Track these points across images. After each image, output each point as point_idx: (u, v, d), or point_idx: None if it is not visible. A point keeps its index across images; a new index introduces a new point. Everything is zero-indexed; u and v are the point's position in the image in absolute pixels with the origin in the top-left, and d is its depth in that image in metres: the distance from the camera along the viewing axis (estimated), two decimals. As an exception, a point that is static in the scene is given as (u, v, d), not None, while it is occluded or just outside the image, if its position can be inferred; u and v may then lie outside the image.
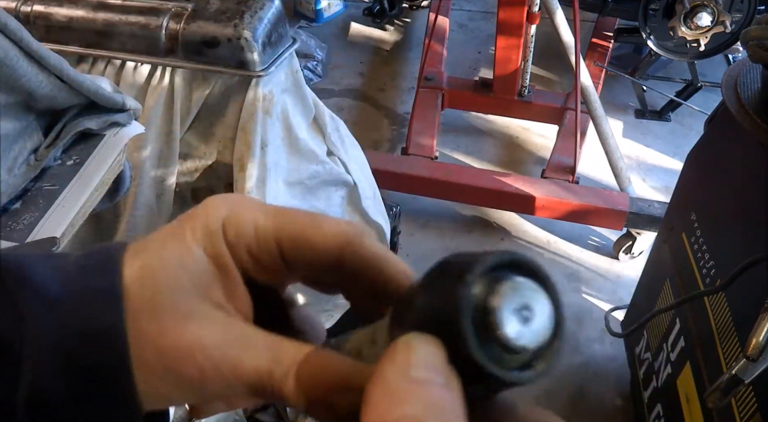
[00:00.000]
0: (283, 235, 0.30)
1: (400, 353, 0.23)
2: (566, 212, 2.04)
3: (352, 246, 0.29)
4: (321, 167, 1.55)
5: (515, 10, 2.07)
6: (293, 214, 0.31)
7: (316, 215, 0.31)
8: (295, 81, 1.47)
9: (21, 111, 1.01)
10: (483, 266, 0.23)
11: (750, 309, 0.93)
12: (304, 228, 0.30)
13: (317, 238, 0.29)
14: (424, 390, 0.22)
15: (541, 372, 0.24)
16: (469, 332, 0.23)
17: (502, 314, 0.23)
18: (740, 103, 1.09)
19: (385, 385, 0.23)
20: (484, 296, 0.23)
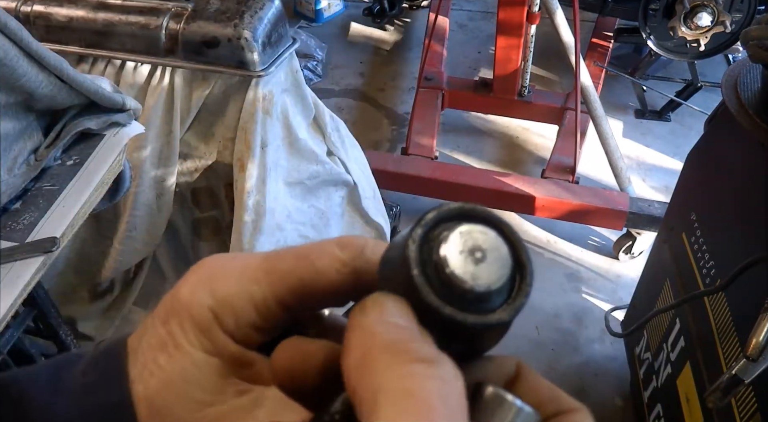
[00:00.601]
0: (284, 297, 0.28)
1: (370, 306, 0.23)
2: (566, 212, 2.04)
3: (355, 269, 0.28)
4: (321, 167, 1.55)
5: (515, 10, 2.07)
6: (282, 264, 0.28)
7: (305, 251, 0.28)
8: (295, 81, 1.47)
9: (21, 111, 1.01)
10: (432, 218, 0.24)
11: (750, 309, 0.93)
12: (302, 277, 0.27)
13: (321, 281, 0.27)
14: (402, 328, 0.22)
15: (509, 312, 0.24)
16: (420, 279, 0.23)
17: (450, 256, 0.23)
18: (740, 103, 1.09)
19: (362, 326, 0.23)
20: (432, 244, 0.23)
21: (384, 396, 0.20)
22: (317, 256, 0.28)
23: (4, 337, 1.07)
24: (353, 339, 0.22)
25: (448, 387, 0.20)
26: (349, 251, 0.28)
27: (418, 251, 0.23)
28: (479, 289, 0.23)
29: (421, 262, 0.23)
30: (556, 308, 1.97)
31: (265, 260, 0.28)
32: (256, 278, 0.28)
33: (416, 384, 0.20)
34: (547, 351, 1.85)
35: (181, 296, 0.28)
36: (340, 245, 0.28)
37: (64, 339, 1.24)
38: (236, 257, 0.29)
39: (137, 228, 1.49)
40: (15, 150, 1.00)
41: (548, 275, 2.08)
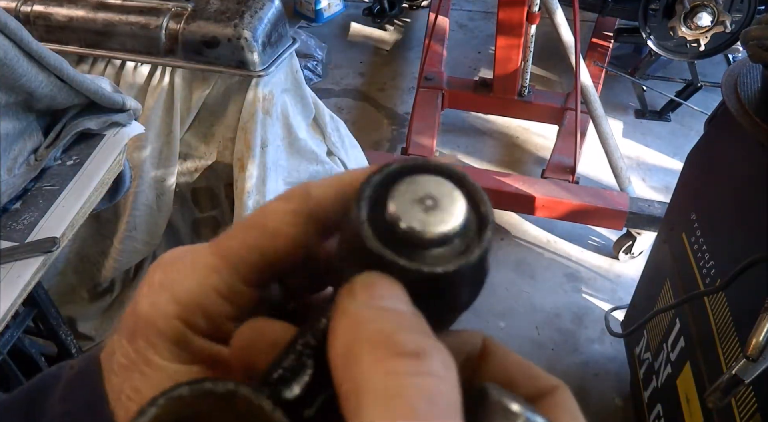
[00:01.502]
0: (249, 275, 0.25)
1: (358, 289, 0.21)
2: (566, 212, 2.04)
3: (310, 214, 0.25)
4: (321, 167, 1.55)
5: (515, 10, 2.07)
6: (233, 241, 0.26)
7: (250, 220, 0.26)
8: (295, 81, 1.47)
9: (21, 111, 1.01)
10: (381, 174, 0.23)
11: (750, 309, 0.93)
12: (257, 246, 0.25)
13: (279, 242, 0.25)
14: (390, 314, 0.21)
15: (468, 258, 0.22)
16: (368, 232, 0.22)
17: (398, 205, 0.22)
18: (740, 103, 1.09)
19: (348, 314, 0.21)
20: (382, 196, 0.22)
21: (367, 396, 0.19)
22: (263, 218, 0.25)
23: (4, 337, 1.07)
24: (339, 327, 0.21)
25: (437, 384, 0.19)
26: (294, 199, 0.25)
27: (366, 204, 0.22)
28: (429, 235, 0.22)
29: (371, 217, 0.22)
30: (556, 308, 1.97)
31: (216, 245, 0.26)
32: (212, 266, 0.25)
33: (400, 383, 0.18)
34: (547, 351, 1.85)
35: (142, 312, 0.25)
36: (283, 198, 0.26)
37: (64, 339, 1.24)
38: (186, 251, 0.27)
39: (137, 228, 1.49)
40: (15, 150, 1.00)
41: (548, 275, 2.08)
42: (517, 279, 2.06)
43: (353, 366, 0.19)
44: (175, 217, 1.58)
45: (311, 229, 0.25)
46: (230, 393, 0.21)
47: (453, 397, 0.19)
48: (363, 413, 0.18)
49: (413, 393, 0.18)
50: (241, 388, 0.21)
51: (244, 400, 0.21)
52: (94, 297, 1.63)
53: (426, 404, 0.18)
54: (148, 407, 0.21)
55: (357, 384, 0.19)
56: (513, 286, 2.04)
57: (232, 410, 0.22)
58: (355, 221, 0.22)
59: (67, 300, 1.59)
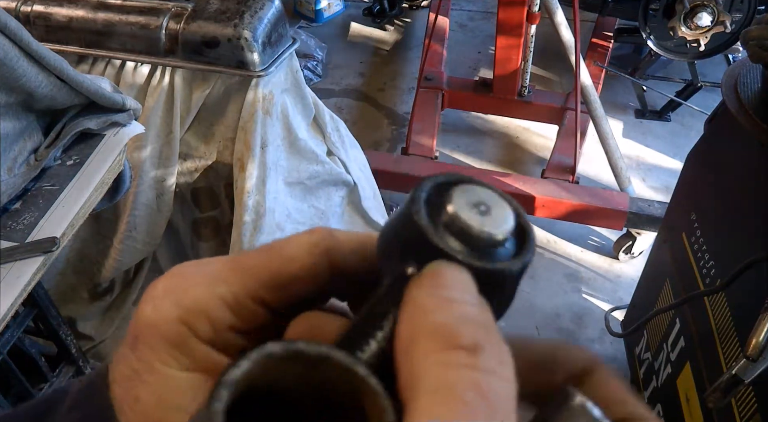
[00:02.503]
0: (258, 292, 0.26)
1: (427, 278, 0.22)
2: (566, 212, 2.04)
3: (327, 248, 0.26)
4: (321, 167, 1.55)
5: (515, 10, 2.07)
6: (249, 259, 0.26)
7: (271, 244, 0.27)
8: (295, 81, 1.47)
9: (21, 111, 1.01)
10: (432, 182, 0.25)
11: (750, 309, 0.93)
12: (271, 267, 0.26)
13: (292, 267, 0.26)
14: (455, 305, 0.21)
15: (521, 261, 0.24)
16: (431, 228, 0.23)
17: (458, 209, 0.24)
18: (740, 103, 1.09)
19: (415, 303, 0.21)
20: (437, 202, 0.24)
21: (422, 386, 0.19)
22: (284, 244, 0.27)
23: (4, 337, 1.07)
24: (404, 316, 0.21)
25: (490, 380, 0.19)
26: (316, 234, 0.27)
27: (425, 207, 0.24)
28: (490, 236, 0.23)
29: (430, 216, 0.24)
30: (556, 308, 1.97)
31: (231, 260, 0.27)
32: (223, 277, 0.26)
33: (453, 375, 0.19)
34: (547, 351, 1.85)
35: (145, 315, 0.25)
36: (307, 232, 0.27)
37: (64, 339, 1.24)
38: (200, 263, 0.27)
39: (137, 228, 1.49)
40: (15, 150, 1.00)
41: (548, 275, 2.08)
42: (517, 279, 2.06)
43: (412, 355, 0.20)
44: (175, 217, 1.58)
45: (326, 264, 0.26)
46: (322, 357, 0.21)
47: (506, 393, 0.19)
48: (416, 402, 0.19)
49: (465, 387, 0.19)
50: (335, 353, 0.21)
51: (336, 365, 0.21)
52: (94, 297, 1.64)
53: (477, 398, 0.18)
54: (241, 360, 0.21)
55: (413, 373, 0.20)
56: (513, 286, 2.03)
57: (318, 377, 0.22)
58: (416, 218, 0.23)
59: (67, 300, 1.59)
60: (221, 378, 0.20)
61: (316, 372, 0.21)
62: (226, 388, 0.20)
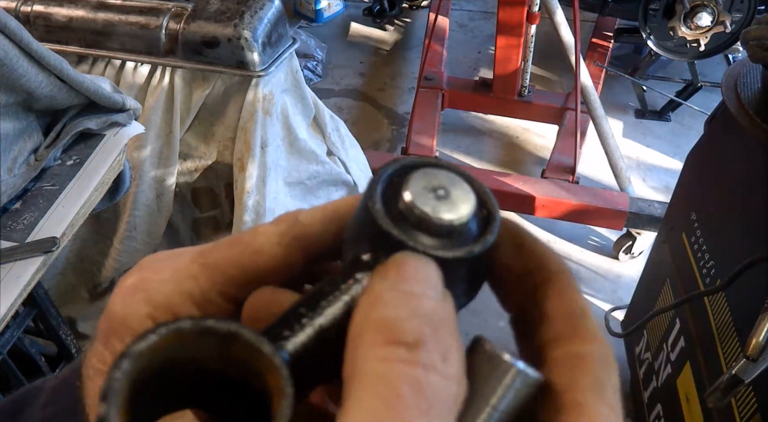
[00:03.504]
0: (226, 288, 0.26)
1: (391, 269, 0.22)
2: (566, 212, 2.04)
3: (295, 237, 0.26)
4: (321, 167, 1.55)
5: (515, 10, 2.07)
6: (217, 253, 0.26)
7: (238, 236, 0.26)
8: (295, 81, 1.47)
9: (21, 111, 1.01)
10: (391, 168, 0.24)
11: (750, 309, 0.93)
12: (240, 261, 0.26)
13: (261, 261, 0.26)
14: (413, 299, 0.21)
15: (479, 246, 0.23)
16: (383, 216, 0.23)
17: (412, 194, 0.23)
18: (740, 103, 1.09)
19: (372, 294, 0.21)
20: (395, 186, 0.23)
21: (360, 378, 0.19)
22: (252, 237, 0.26)
23: (4, 337, 1.07)
24: (360, 304, 0.21)
25: (429, 376, 0.19)
26: (282, 222, 0.26)
27: (381, 196, 0.23)
28: (448, 222, 0.23)
29: (386, 205, 0.23)
30: (556, 308, 1.97)
31: (198, 253, 0.26)
32: (191, 273, 0.26)
33: (390, 370, 0.19)
34: (547, 351, 1.85)
35: (115, 311, 0.26)
36: (272, 222, 0.27)
37: (64, 339, 1.24)
38: (169, 255, 0.27)
39: (137, 228, 1.49)
40: (15, 150, 1.00)
41: (548, 275, 2.08)
42: (517, 279, 2.06)
43: (357, 347, 0.20)
44: (175, 217, 1.58)
45: (295, 251, 0.26)
46: (232, 334, 0.21)
47: (444, 390, 0.19)
48: (352, 395, 0.19)
49: (402, 381, 0.18)
50: (244, 330, 0.21)
51: (244, 343, 0.21)
52: (94, 297, 1.63)
53: (413, 393, 0.18)
54: (148, 334, 0.21)
55: (355, 364, 0.20)
56: (513, 286, 2.03)
57: (229, 354, 0.21)
58: (372, 209, 0.23)
59: (67, 300, 1.59)
60: (126, 348, 0.20)
61: (227, 348, 0.21)
62: (128, 358, 0.20)
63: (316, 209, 0.27)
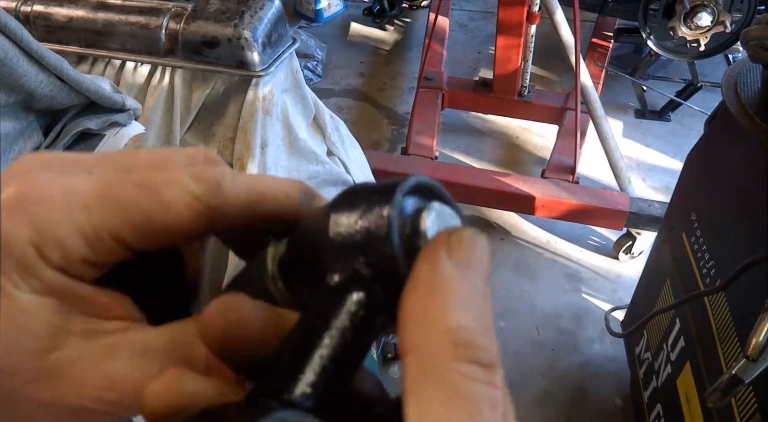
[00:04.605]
0: (122, 232, 0.23)
1: (456, 247, 0.21)
2: (566, 212, 2.04)
3: (209, 205, 0.24)
4: (321, 167, 1.55)
5: (515, 10, 2.07)
6: (121, 191, 0.24)
7: (149, 179, 0.24)
8: (295, 81, 1.47)
9: (21, 111, 1.01)
10: (403, 191, 0.24)
11: (750, 309, 0.93)
12: (145, 210, 0.23)
13: (168, 217, 0.24)
14: (480, 297, 0.22)
15: None
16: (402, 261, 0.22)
17: (428, 231, 0.23)
18: (740, 103, 1.09)
19: (438, 279, 0.21)
20: (416, 223, 0.23)
21: (439, 388, 0.19)
22: (164, 185, 0.24)
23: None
24: (423, 289, 0.21)
25: (499, 395, 0.20)
26: (203, 184, 0.24)
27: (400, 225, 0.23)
28: None
29: (402, 235, 0.23)
30: (556, 308, 1.97)
31: (101, 184, 0.24)
32: (87, 204, 0.23)
33: (474, 388, 0.19)
34: (547, 351, 1.85)
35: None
36: (193, 176, 0.24)
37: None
38: (65, 168, 0.25)
39: (137, 228, 1.49)
40: (15, 150, 1.00)
41: (548, 275, 2.08)
42: (517, 279, 2.06)
43: (432, 356, 0.20)
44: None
45: (204, 220, 0.24)
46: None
47: (507, 407, 0.20)
48: (430, 403, 0.19)
49: (483, 402, 0.19)
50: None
51: None
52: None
53: (489, 410, 0.19)
54: None
55: (428, 372, 0.20)
56: (513, 286, 2.04)
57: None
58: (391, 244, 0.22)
59: (67, 300, 1.59)
60: None
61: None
62: None
63: (241, 185, 0.25)
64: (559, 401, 1.73)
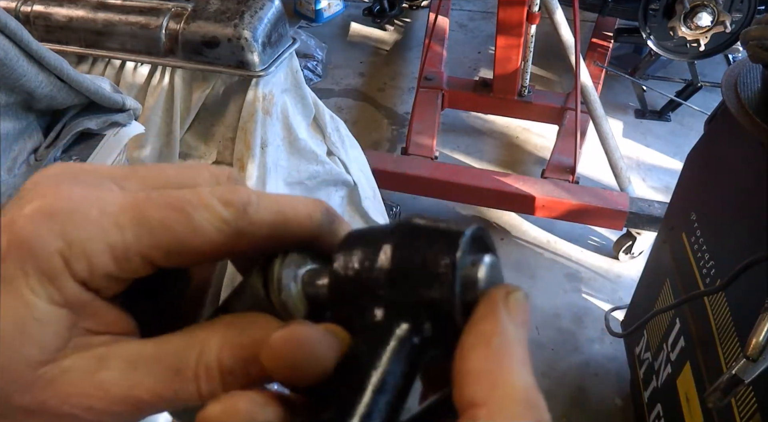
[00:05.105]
0: (151, 252, 0.24)
1: (514, 305, 0.25)
2: (566, 212, 2.04)
3: (238, 229, 0.25)
4: (321, 167, 1.55)
5: (515, 10, 2.07)
6: (154, 212, 0.24)
7: (180, 201, 0.24)
8: (295, 81, 1.47)
9: (21, 111, 1.01)
10: (467, 243, 0.25)
11: (750, 309, 0.93)
12: (175, 232, 0.24)
13: (197, 240, 0.24)
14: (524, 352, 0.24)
15: None
16: (459, 307, 0.24)
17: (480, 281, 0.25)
18: (740, 103, 1.09)
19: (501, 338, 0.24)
20: (471, 275, 0.25)
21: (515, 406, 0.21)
22: (195, 208, 0.24)
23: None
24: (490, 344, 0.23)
25: None
26: (232, 209, 0.24)
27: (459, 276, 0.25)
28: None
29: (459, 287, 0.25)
30: (556, 308, 1.97)
31: (133, 202, 0.24)
32: (119, 222, 0.24)
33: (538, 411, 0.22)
34: (547, 351, 1.85)
35: (23, 230, 0.23)
36: (222, 200, 0.24)
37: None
38: (92, 177, 0.25)
39: (137, 228, 1.48)
40: (15, 150, 1.00)
41: (548, 275, 2.08)
42: (517, 279, 2.06)
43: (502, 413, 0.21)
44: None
45: (232, 244, 0.25)
46: None
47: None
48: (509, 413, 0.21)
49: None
50: None
51: None
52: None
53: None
54: None
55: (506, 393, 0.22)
56: (513, 286, 2.03)
57: None
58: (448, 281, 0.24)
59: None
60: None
61: None
62: None
63: (267, 210, 0.25)
64: (559, 401, 1.73)
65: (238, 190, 0.25)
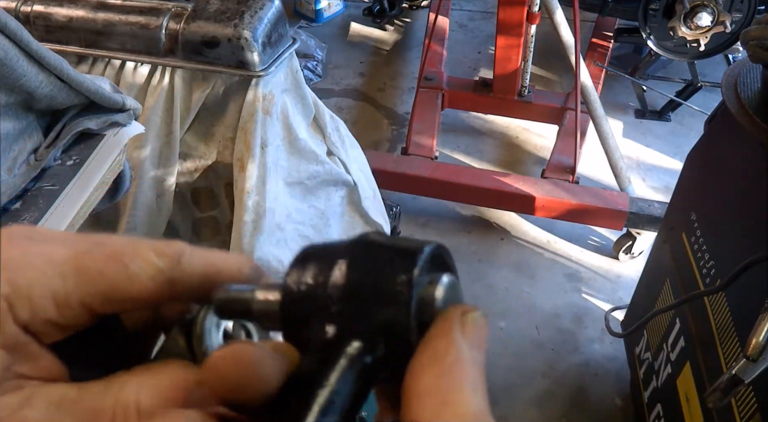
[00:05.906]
0: (90, 300, 0.26)
1: (470, 327, 0.24)
2: (566, 212, 2.04)
3: (171, 279, 0.27)
4: (321, 167, 1.55)
5: (515, 10, 2.07)
6: (94, 262, 0.26)
7: (119, 251, 0.26)
8: (295, 81, 1.47)
9: (21, 111, 1.01)
10: (425, 261, 0.25)
11: (750, 309, 0.93)
12: (112, 281, 0.26)
13: (132, 288, 0.26)
14: (479, 369, 0.23)
15: None
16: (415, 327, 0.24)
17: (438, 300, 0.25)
18: (740, 103, 1.09)
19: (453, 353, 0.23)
20: (428, 294, 0.25)
21: None
22: (131, 259, 0.26)
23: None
24: (442, 364, 0.22)
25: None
26: (166, 259, 0.27)
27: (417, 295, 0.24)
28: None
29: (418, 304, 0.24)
30: (556, 308, 1.97)
31: (75, 254, 0.26)
32: (62, 271, 0.26)
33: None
34: (547, 351, 1.85)
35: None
36: (156, 251, 0.27)
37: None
38: (44, 237, 0.27)
39: (137, 228, 1.48)
40: (15, 150, 1.00)
41: (548, 275, 2.08)
42: (517, 279, 2.06)
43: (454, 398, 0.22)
44: (175, 217, 1.58)
45: (165, 292, 0.27)
46: None
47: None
48: None
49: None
50: None
51: None
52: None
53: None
54: None
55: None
56: (513, 286, 2.04)
57: None
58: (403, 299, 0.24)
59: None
60: None
61: None
62: None
63: (199, 262, 0.27)
64: (559, 401, 1.73)
65: (174, 243, 0.27)
